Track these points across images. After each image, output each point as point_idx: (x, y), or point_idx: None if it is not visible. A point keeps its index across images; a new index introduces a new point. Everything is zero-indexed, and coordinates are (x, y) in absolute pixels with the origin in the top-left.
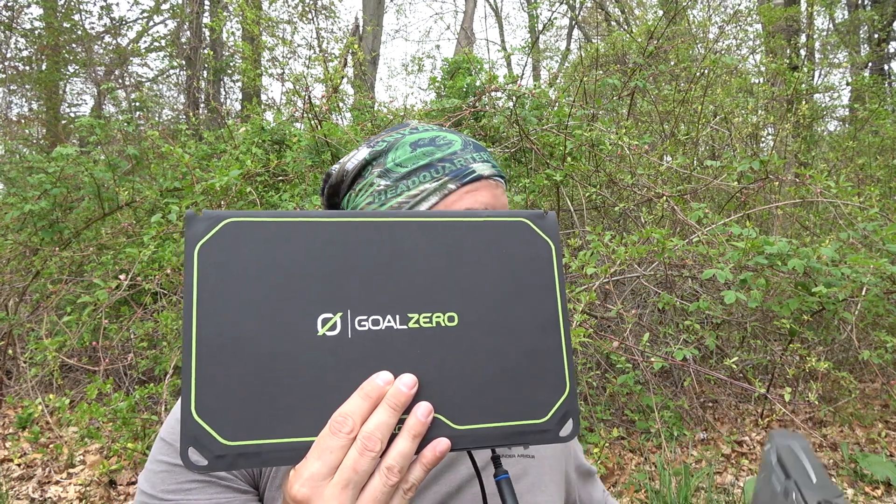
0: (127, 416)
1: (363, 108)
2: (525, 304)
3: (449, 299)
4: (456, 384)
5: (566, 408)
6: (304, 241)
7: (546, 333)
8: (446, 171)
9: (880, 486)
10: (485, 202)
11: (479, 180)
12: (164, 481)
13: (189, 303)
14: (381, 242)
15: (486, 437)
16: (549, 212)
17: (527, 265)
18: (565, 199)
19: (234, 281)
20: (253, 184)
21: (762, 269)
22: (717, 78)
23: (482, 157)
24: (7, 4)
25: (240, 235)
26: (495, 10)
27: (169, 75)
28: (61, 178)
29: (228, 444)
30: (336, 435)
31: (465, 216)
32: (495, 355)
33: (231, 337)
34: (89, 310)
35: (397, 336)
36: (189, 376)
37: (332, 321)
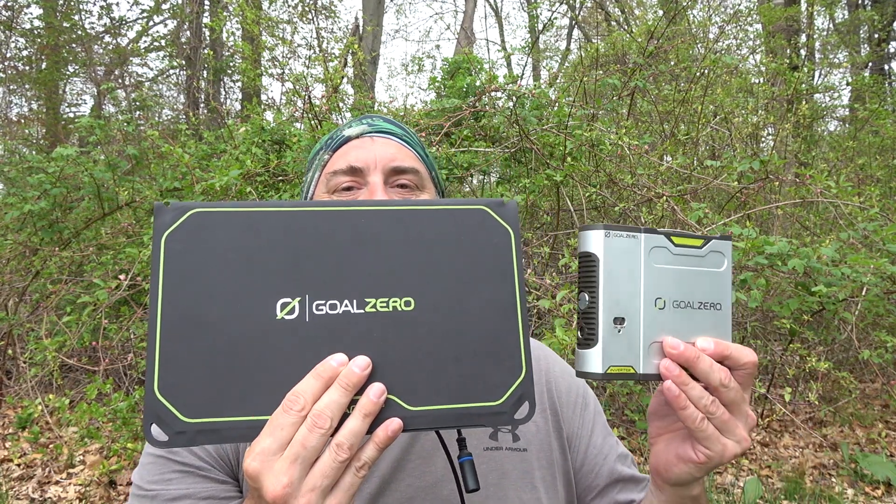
0: (127, 416)
1: (363, 108)
2: (482, 289)
3: (406, 285)
4: (410, 367)
5: (522, 390)
6: (266, 230)
7: (503, 318)
8: (326, 145)
9: (880, 486)
10: (353, 158)
11: (346, 142)
12: (149, 472)
13: (155, 288)
14: (341, 230)
15: (440, 418)
16: (510, 200)
17: (485, 251)
18: (565, 199)
19: (198, 267)
20: (253, 184)
21: (762, 269)
22: (717, 78)
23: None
24: (7, 4)
25: (204, 225)
26: (495, 10)
27: (169, 75)
28: (61, 179)
29: (188, 421)
30: (288, 413)
31: (424, 204)
32: (451, 339)
33: (194, 320)
34: (89, 310)
35: (354, 320)
36: (153, 356)
37: (291, 305)
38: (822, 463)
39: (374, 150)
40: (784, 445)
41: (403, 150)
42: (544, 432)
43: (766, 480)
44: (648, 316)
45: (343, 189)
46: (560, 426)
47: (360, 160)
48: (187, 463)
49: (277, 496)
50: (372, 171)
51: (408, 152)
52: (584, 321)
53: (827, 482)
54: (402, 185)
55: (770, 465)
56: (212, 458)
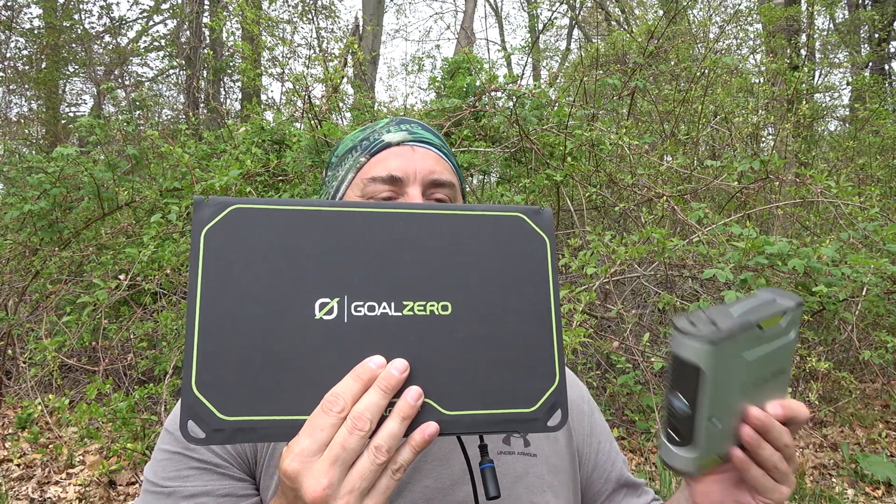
0: (126, 416)
1: (363, 107)
2: (518, 296)
3: (443, 289)
4: (447, 371)
5: (555, 398)
6: (306, 229)
7: (538, 325)
8: (363, 147)
9: (881, 487)
10: (393, 167)
11: (386, 148)
12: (164, 469)
13: (193, 283)
14: (380, 232)
15: (474, 424)
16: (545, 208)
17: (521, 258)
18: (565, 199)
19: (238, 264)
20: (253, 184)
21: (762, 269)
22: (718, 78)
23: (400, 127)
24: (7, 4)
25: (245, 221)
26: (495, 9)
27: (169, 75)
28: (61, 178)
29: (226, 418)
30: (327, 414)
31: (463, 210)
32: (487, 344)
33: (232, 317)
34: (89, 310)
35: (392, 322)
36: (191, 352)
37: (330, 306)
38: (823, 463)
39: (414, 161)
40: None
41: (441, 163)
42: (553, 438)
43: None
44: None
45: (381, 198)
46: (570, 432)
47: (401, 170)
48: (205, 460)
49: (317, 497)
50: (411, 182)
51: (445, 165)
52: (681, 424)
53: (827, 482)
54: (438, 199)
55: None
56: (230, 456)
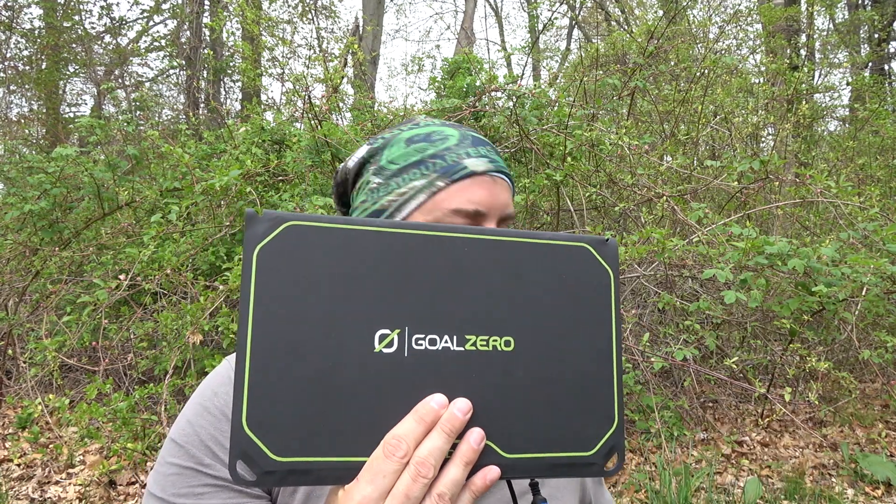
0: (127, 416)
1: (363, 108)
2: (581, 333)
3: (507, 323)
4: (508, 411)
5: (613, 441)
6: (365, 251)
7: (599, 364)
8: (437, 167)
9: (880, 487)
10: (477, 200)
11: (470, 177)
12: (174, 484)
13: (245, 308)
14: (442, 258)
15: (533, 468)
16: (611, 238)
17: (585, 292)
18: (565, 199)
19: (293, 287)
20: (253, 184)
21: (762, 269)
22: (718, 78)
23: (479, 151)
24: (7, 4)
25: (301, 240)
26: (495, 10)
27: (169, 75)
28: (61, 178)
29: (279, 459)
30: (389, 458)
31: (527, 237)
32: (548, 384)
33: (287, 347)
34: (89, 310)
35: (453, 357)
36: (241, 387)
37: (390, 338)
38: (823, 463)
39: (496, 195)
40: (784, 445)
41: (510, 194)
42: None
43: (766, 480)
44: None
45: None
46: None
47: (485, 205)
48: (220, 476)
49: None
50: (490, 218)
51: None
52: None
53: (827, 482)
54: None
55: (770, 465)
56: None
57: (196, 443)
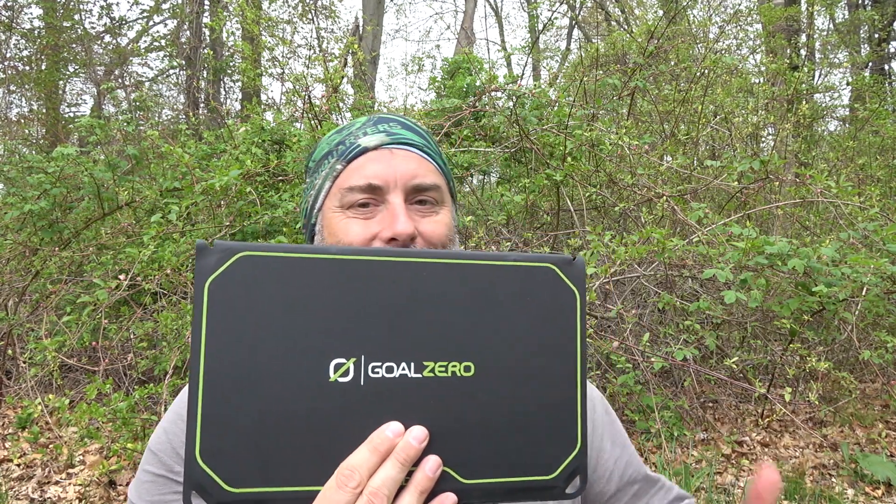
0: (126, 416)
1: (363, 107)
2: (544, 356)
3: (466, 348)
4: (467, 437)
5: (575, 464)
6: (321, 279)
7: (563, 387)
8: (339, 153)
9: (881, 487)
10: (370, 174)
11: (363, 153)
12: (148, 491)
13: (197, 342)
14: (400, 283)
15: (493, 493)
16: (578, 257)
17: (549, 315)
18: (565, 199)
19: (246, 319)
20: (253, 184)
21: (762, 269)
22: (718, 78)
23: (377, 129)
24: (7, 4)
25: (253, 271)
26: (495, 9)
27: (169, 75)
28: (61, 178)
29: (233, 490)
30: (342, 489)
31: (489, 259)
32: (509, 408)
33: (239, 379)
34: (89, 310)
35: (411, 385)
36: (195, 418)
37: (346, 367)
38: (823, 463)
39: (394, 166)
40: (784, 445)
41: (424, 164)
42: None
43: None
44: None
45: (359, 205)
46: None
47: (380, 177)
48: None
49: None
50: (392, 189)
51: (429, 165)
52: None
53: (827, 482)
54: (422, 201)
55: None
56: None
57: (168, 451)
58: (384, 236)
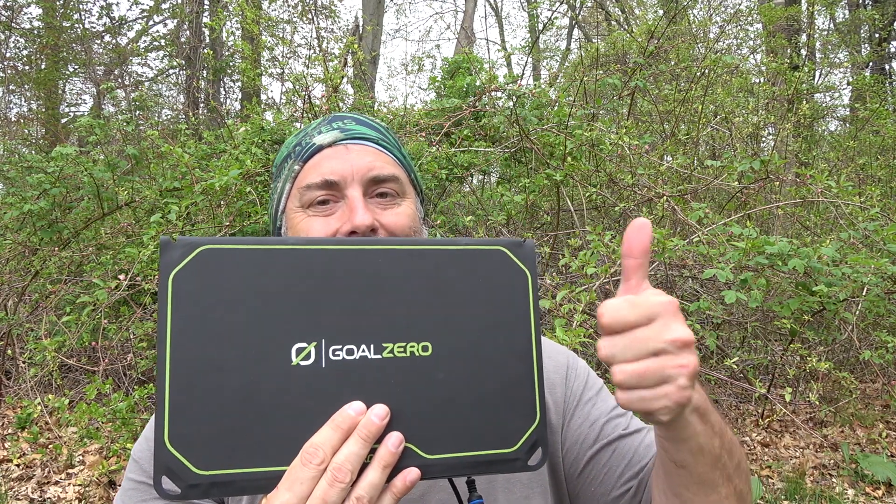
0: (126, 416)
1: (363, 107)
2: (499, 334)
3: (424, 329)
4: (428, 413)
5: (536, 436)
6: (280, 269)
7: (519, 363)
8: (295, 153)
9: (881, 487)
10: (326, 171)
11: (318, 151)
12: (130, 498)
13: (163, 331)
14: (357, 270)
15: (455, 466)
16: (528, 240)
17: (502, 294)
18: (565, 199)
19: (209, 309)
20: (252, 184)
21: (763, 269)
22: (718, 78)
23: (331, 126)
24: (7, 4)
25: (215, 263)
26: (495, 9)
27: (169, 75)
28: (60, 178)
29: (201, 473)
30: (307, 466)
31: (442, 244)
32: (468, 384)
33: (204, 366)
34: (88, 310)
35: (371, 365)
36: (163, 405)
37: (307, 351)
38: (823, 463)
39: (349, 161)
40: (784, 446)
41: (381, 157)
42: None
43: (766, 481)
44: None
45: (318, 203)
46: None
47: (336, 173)
48: None
49: None
50: (349, 183)
51: (385, 157)
52: None
53: (827, 482)
54: (382, 193)
55: (770, 465)
56: None
57: (147, 458)
58: (344, 230)
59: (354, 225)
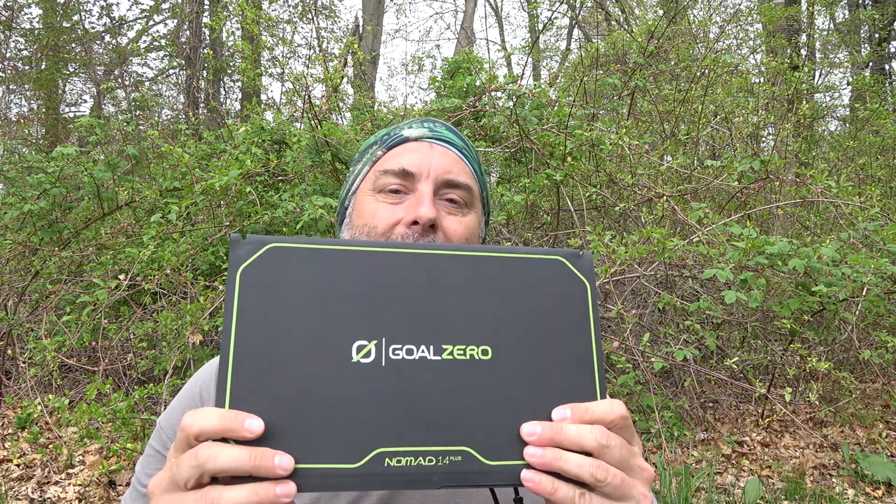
0: (126, 416)
1: (363, 107)
2: (559, 342)
3: (483, 333)
4: (488, 418)
5: None
6: (343, 270)
7: (579, 372)
8: (382, 142)
9: (881, 487)
10: (406, 161)
11: (404, 142)
12: (148, 465)
13: (228, 323)
14: (418, 274)
15: (514, 475)
16: (586, 251)
17: (562, 303)
18: (565, 199)
19: (274, 304)
20: (253, 184)
21: (763, 269)
22: (718, 77)
23: (422, 124)
24: (7, 4)
25: (282, 260)
26: (495, 9)
27: (169, 75)
28: (61, 178)
29: None
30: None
31: (502, 252)
32: (528, 391)
33: (267, 358)
34: (88, 310)
35: (430, 366)
36: (224, 396)
37: (367, 348)
38: (823, 463)
39: (430, 158)
40: (784, 446)
41: (460, 164)
42: None
43: (766, 481)
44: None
45: (390, 191)
46: None
47: (414, 165)
48: None
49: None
50: (424, 178)
51: (464, 167)
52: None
53: (827, 482)
54: (451, 199)
55: (770, 465)
56: None
57: (168, 429)
58: (407, 220)
59: (418, 215)
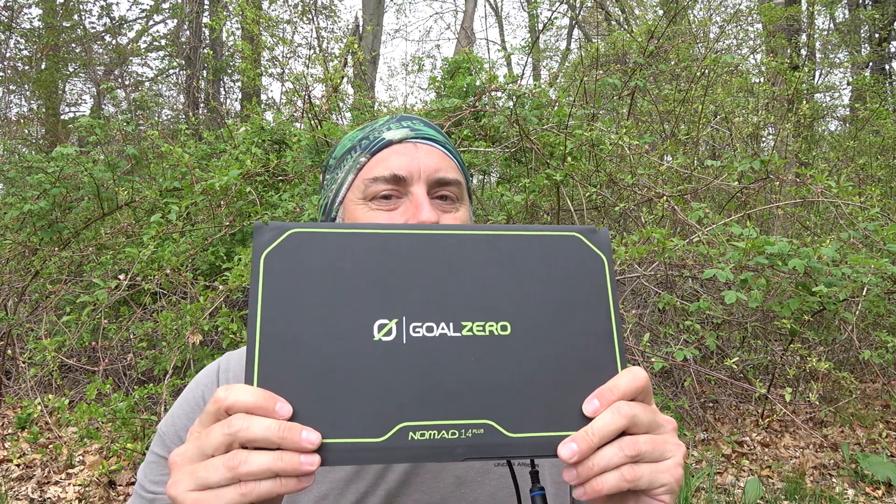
0: (126, 416)
1: (363, 107)
2: (577, 316)
3: (502, 309)
4: (508, 392)
5: None
6: (363, 251)
7: (598, 345)
8: (362, 147)
9: (881, 487)
10: (394, 165)
11: (387, 146)
12: (152, 472)
13: (254, 307)
14: (436, 253)
15: (539, 447)
16: (602, 228)
17: (579, 278)
18: (565, 199)
19: (297, 287)
20: (252, 184)
21: (763, 269)
22: (718, 77)
23: (401, 124)
24: (7, 4)
25: (303, 245)
26: (495, 9)
27: (169, 75)
28: (61, 178)
29: None
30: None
31: (519, 230)
32: (548, 365)
33: (292, 339)
34: (88, 310)
35: (451, 342)
36: (252, 376)
37: (388, 327)
38: (823, 463)
39: (418, 158)
40: (784, 446)
41: (446, 160)
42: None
43: (766, 481)
44: None
45: (381, 197)
46: None
47: (404, 168)
48: None
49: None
50: (416, 180)
51: (451, 162)
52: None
53: (827, 482)
54: (443, 196)
55: (770, 465)
56: None
57: (171, 434)
58: None
59: (420, 221)
